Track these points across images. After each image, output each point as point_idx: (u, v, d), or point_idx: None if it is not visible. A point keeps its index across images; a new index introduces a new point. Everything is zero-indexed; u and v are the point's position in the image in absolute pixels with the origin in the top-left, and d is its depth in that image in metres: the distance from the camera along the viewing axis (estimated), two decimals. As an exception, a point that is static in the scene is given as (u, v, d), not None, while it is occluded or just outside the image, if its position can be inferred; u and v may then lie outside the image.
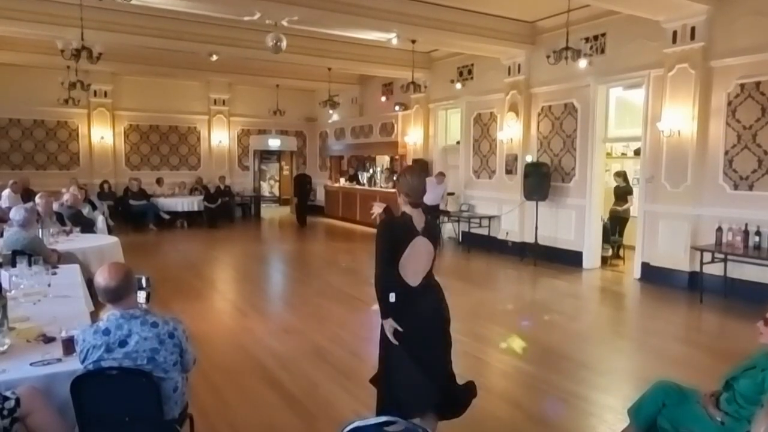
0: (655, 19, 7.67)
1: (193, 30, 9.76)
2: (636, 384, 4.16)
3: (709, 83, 7.44)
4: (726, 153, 7.35)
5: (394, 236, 3.08)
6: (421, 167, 12.36)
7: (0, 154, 13.97)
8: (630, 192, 9.67)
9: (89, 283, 4.45)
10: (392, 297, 3.04)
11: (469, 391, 3.28)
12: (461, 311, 6.78)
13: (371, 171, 15.68)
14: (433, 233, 3.20)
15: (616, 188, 9.74)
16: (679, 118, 7.61)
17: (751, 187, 7.11)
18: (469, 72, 11.69)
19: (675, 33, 7.61)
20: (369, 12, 8.24)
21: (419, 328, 3.09)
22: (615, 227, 9.63)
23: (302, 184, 15.49)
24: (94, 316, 3.83)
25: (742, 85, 7.14)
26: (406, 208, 3.14)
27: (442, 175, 11.69)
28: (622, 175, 9.81)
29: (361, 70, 13.83)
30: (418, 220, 3.11)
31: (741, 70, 7.12)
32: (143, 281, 3.03)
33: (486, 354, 5.32)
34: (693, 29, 7.42)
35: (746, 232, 6.86)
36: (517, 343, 5.54)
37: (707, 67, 7.40)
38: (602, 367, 5.00)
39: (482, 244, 10.86)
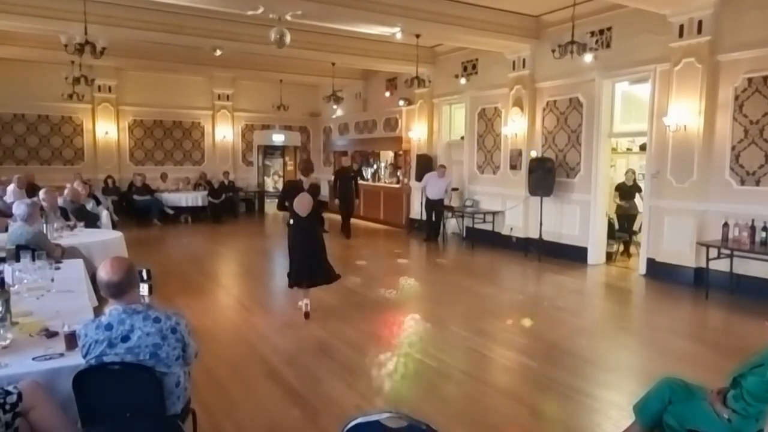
0: (662, 12, 7.60)
1: (197, 24, 9.75)
2: (641, 380, 4.13)
3: (715, 77, 7.38)
4: (733, 148, 7.29)
5: (287, 190, 6.18)
6: (426, 162, 12.35)
7: (5, 150, 14.00)
8: (639, 189, 9.51)
9: (93, 277, 4.44)
10: (291, 221, 6.02)
11: (330, 275, 6.20)
12: (464, 307, 6.79)
13: (375, 166, 15.65)
14: (314, 191, 6.00)
15: (623, 185, 9.61)
16: (685, 112, 7.55)
17: (758, 183, 7.05)
18: (474, 67, 11.63)
19: (681, 27, 7.54)
20: (373, 6, 8.20)
21: (302, 236, 6.03)
22: (624, 224, 9.52)
23: (345, 182, 12.07)
24: (98, 311, 3.82)
25: (750, 80, 7.07)
26: (301, 177, 6.07)
27: (443, 167, 11.68)
28: (632, 173, 9.71)
29: (365, 65, 13.78)
30: (306, 183, 5.97)
31: (748, 65, 7.05)
32: (144, 273, 3.01)
33: (489, 350, 5.30)
34: (700, 23, 7.35)
35: (753, 228, 6.80)
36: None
37: (714, 61, 7.33)
38: (607, 363, 4.97)
39: (486, 240, 10.83)
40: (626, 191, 9.55)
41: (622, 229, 9.53)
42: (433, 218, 11.61)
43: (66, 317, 3.00)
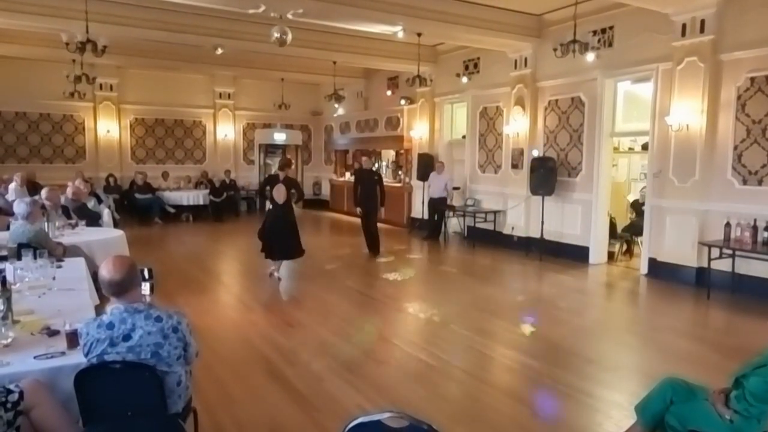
0: (664, 11, 7.58)
1: (198, 23, 9.75)
2: (643, 380, 4.13)
3: (718, 77, 7.36)
4: (735, 147, 7.27)
5: (267, 180, 7.93)
6: (428, 161, 12.31)
7: (6, 148, 14.00)
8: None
9: (94, 276, 4.44)
10: (269, 205, 7.78)
11: (294, 253, 7.65)
12: (465, 306, 6.78)
13: (377, 165, 15.62)
14: (288, 183, 7.50)
15: (637, 202, 9.45)
16: (687, 112, 7.53)
17: (760, 182, 7.04)
18: (475, 66, 11.62)
19: (684, 26, 7.52)
20: (374, 5, 8.19)
21: (275, 219, 7.51)
22: (635, 230, 9.40)
23: (368, 186, 9.82)
24: (99, 310, 3.82)
25: (752, 79, 7.05)
26: (279, 172, 7.57)
27: (441, 164, 11.68)
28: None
29: (367, 64, 13.76)
30: (281, 176, 7.45)
31: (751, 64, 7.03)
32: (145, 272, 3.02)
33: (490, 349, 5.30)
34: (702, 22, 7.33)
35: (755, 228, 6.78)
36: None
37: (717, 60, 7.31)
38: (608, 363, 4.96)
39: (488, 239, 10.82)
40: (641, 208, 9.39)
41: (632, 233, 9.45)
42: (435, 217, 11.59)
43: (67, 316, 3.00)
